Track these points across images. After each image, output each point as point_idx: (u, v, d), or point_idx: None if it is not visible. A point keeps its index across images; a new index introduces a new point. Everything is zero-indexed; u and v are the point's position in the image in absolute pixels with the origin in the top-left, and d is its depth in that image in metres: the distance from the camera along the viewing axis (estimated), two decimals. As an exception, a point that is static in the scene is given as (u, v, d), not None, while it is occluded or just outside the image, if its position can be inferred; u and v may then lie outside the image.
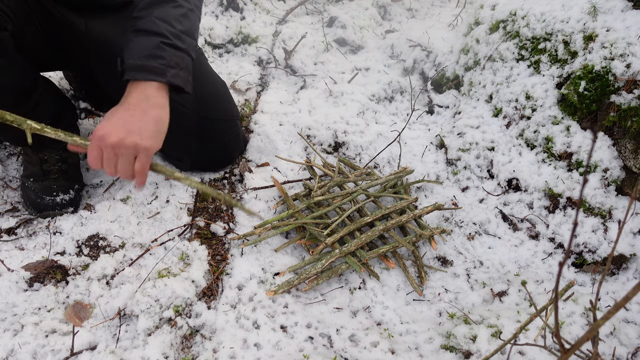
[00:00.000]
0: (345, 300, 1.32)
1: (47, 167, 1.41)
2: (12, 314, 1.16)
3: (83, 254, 1.35)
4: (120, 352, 1.09)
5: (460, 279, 1.45)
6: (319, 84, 2.30)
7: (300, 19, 3.01)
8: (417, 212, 1.54)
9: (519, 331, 0.82)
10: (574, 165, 1.58)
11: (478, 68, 2.07)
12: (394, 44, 2.78)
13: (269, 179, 1.65)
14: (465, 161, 1.81)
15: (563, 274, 1.47)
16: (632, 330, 1.25)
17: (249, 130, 1.87)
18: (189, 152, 1.52)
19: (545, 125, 1.67)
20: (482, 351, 1.16)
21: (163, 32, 1.04)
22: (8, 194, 1.48)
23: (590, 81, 1.54)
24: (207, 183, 1.60)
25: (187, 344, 1.17)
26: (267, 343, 1.16)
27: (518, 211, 1.63)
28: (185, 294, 1.22)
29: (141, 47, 1.01)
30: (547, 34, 1.78)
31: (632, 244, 1.42)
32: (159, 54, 1.02)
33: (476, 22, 2.24)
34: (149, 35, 1.02)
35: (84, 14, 1.28)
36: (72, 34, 1.28)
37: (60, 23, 1.25)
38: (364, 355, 1.16)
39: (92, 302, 1.22)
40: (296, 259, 1.41)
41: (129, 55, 1.01)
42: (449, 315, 1.31)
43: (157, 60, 1.01)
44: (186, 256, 1.34)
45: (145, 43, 1.02)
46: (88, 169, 1.63)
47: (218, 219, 1.50)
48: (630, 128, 1.44)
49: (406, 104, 2.30)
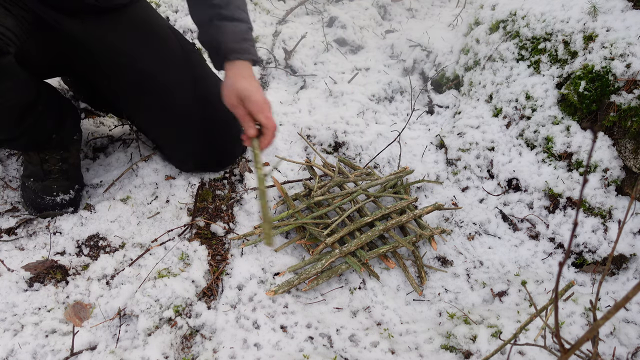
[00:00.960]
0: (345, 300, 1.32)
1: (48, 167, 1.41)
2: (12, 314, 1.16)
3: (83, 254, 1.35)
4: (120, 352, 1.09)
5: (460, 279, 1.45)
6: (319, 84, 2.30)
7: (300, 19, 3.01)
8: (417, 212, 1.54)
9: (519, 331, 0.82)
10: (574, 165, 1.58)
11: (478, 68, 2.07)
12: (394, 44, 2.78)
13: (269, 179, 1.65)
14: (465, 161, 1.81)
15: (563, 274, 1.47)
16: (632, 330, 1.25)
17: (249, 130, 1.87)
18: (191, 153, 1.52)
19: (545, 125, 1.67)
20: (482, 351, 1.16)
21: (246, 18, 1.27)
22: (8, 194, 1.48)
23: (590, 81, 1.54)
24: (207, 183, 1.60)
25: (187, 344, 1.17)
26: (267, 343, 1.16)
27: (518, 211, 1.63)
28: (185, 294, 1.22)
29: (236, 32, 1.23)
30: (547, 34, 1.78)
31: (632, 244, 1.42)
32: (249, 37, 1.26)
33: (476, 22, 2.24)
34: (237, 22, 1.24)
35: (81, 19, 1.28)
36: (71, 41, 1.28)
37: (58, 31, 1.25)
38: (364, 355, 1.16)
39: (92, 302, 1.22)
40: (296, 259, 1.41)
41: (229, 40, 1.21)
42: (449, 315, 1.31)
43: (248, 42, 1.25)
44: (186, 256, 1.34)
45: (238, 29, 1.23)
46: (88, 169, 1.63)
47: (218, 219, 1.50)
48: (630, 128, 1.44)
49: (406, 104, 2.30)
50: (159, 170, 1.60)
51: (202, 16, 1.27)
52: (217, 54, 1.26)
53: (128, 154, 1.66)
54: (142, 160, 1.61)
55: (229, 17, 1.24)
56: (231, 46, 1.22)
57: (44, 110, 1.31)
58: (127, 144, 1.71)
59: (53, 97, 1.39)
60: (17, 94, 1.18)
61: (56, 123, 1.37)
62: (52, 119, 1.36)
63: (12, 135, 1.28)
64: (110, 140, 1.72)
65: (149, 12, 1.45)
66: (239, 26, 1.25)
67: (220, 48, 1.23)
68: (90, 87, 1.59)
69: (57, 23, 1.24)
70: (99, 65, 1.35)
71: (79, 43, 1.29)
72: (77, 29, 1.27)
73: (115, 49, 1.33)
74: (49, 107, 1.34)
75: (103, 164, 1.65)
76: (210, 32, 1.25)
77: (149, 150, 1.66)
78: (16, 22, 1.11)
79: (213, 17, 1.24)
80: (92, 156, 1.67)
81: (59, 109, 1.40)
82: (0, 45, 1.03)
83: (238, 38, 1.23)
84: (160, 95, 1.39)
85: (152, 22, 1.43)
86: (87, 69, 1.38)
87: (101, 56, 1.32)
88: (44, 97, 1.31)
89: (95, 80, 1.42)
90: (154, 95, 1.39)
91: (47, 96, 1.34)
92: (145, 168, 1.60)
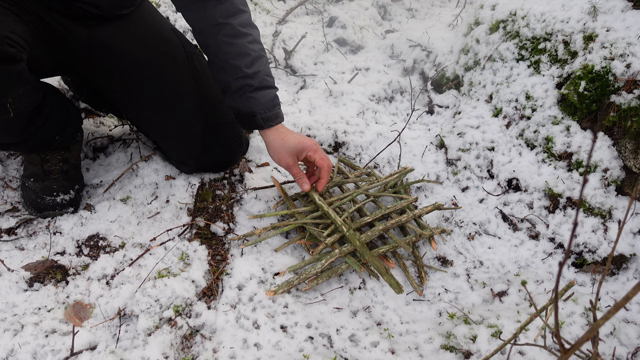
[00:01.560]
0: (345, 300, 1.32)
1: (49, 167, 1.41)
2: (12, 314, 1.16)
3: (83, 254, 1.35)
4: (120, 352, 1.09)
5: (460, 279, 1.45)
6: (319, 84, 2.30)
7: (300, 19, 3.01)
8: (416, 211, 1.54)
9: (519, 331, 0.82)
10: (574, 165, 1.58)
11: (478, 68, 2.07)
12: (394, 44, 2.78)
13: (269, 179, 1.65)
14: (465, 161, 1.81)
15: (563, 274, 1.47)
16: (632, 330, 1.25)
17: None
18: (193, 156, 1.53)
19: (545, 125, 1.67)
20: (482, 351, 1.16)
21: (273, 83, 1.36)
22: (8, 194, 1.48)
23: (590, 81, 1.54)
24: (207, 183, 1.60)
25: (187, 344, 1.17)
26: (267, 343, 1.16)
27: (518, 211, 1.63)
28: (185, 294, 1.22)
29: (267, 101, 1.33)
30: (547, 34, 1.78)
31: (632, 244, 1.42)
32: (277, 102, 1.36)
33: (476, 22, 2.24)
34: (266, 89, 1.33)
35: (86, 24, 1.29)
36: (75, 43, 1.29)
37: (62, 35, 1.26)
38: (364, 355, 1.16)
39: (92, 302, 1.22)
40: (296, 259, 1.41)
41: (262, 110, 1.32)
42: (449, 315, 1.31)
43: (277, 107, 1.36)
44: (186, 256, 1.34)
45: (268, 97, 1.33)
46: (88, 169, 1.63)
47: (218, 219, 1.50)
48: (630, 128, 1.44)
49: (406, 104, 2.30)
50: (159, 170, 1.60)
51: (230, 84, 1.32)
52: (249, 121, 1.34)
53: (128, 154, 1.66)
54: (142, 160, 1.61)
55: (259, 87, 1.31)
56: (266, 115, 1.33)
57: (50, 113, 1.32)
58: (127, 144, 1.71)
59: (57, 99, 1.39)
60: (28, 99, 1.19)
61: (60, 125, 1.38)
62: (57, 121, 1.37)
63: (19, 139, 1.29)
64: (110, 140, 1.72)
65: (153, 14, 1.46)
66: (269, 94, 1.33)
67: (254, 117, 1.32)
68: (91, 87, 1.60)
69: (62, 27, 1.25)
70: (102, 66, 1.35)
71: (83, 45, 1.30)
72: (81, 32, 1.28)
73: (120, 50, 1.33)
74: (54, 110, 1.35)
75: (103, 164, 1.65)
76: (241, 102, 1.32)
77: (149, 150, 1.66)
78: (27, 29, 1.13)
79: (243, 87, 1.30)
80: (92, 156, 1.67)
81: (63, 110, 1.41)
82: (14, 53, 1.04)
83: (270, 106, 1.33)
84: (163, 94, 1.40)
85: (156, 24, 1.44)
86: (89, 70, 1.39)
87: (105, 57, 1.33)
88: (50, 100, 1.32)
89: (97, 80, 1.43)
90: (157, 94, 1.40)
91: (52, 99, 1.35)
92: (145, 168, 1.60)
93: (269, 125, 1.34)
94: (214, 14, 1.27)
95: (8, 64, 1.04)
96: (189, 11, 1.33)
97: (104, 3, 1.27)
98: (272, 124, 1.34)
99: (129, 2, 1.36)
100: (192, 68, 1.44)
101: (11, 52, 1.03)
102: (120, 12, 1.34)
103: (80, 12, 1.26)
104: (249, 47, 1.31)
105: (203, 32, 1.32)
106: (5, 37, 1.02)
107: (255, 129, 1.36)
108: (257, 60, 1.32)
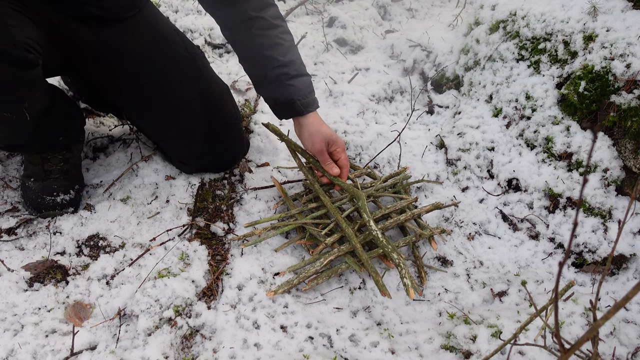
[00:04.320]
0: (345, 300, 1.32)
1: (49, 167, 1.41)
2: (12, 314, 1.16)
3: (83, 254, 1.35)
4: (120, 352, 1.09)
5: (460, 279, 1.45)
6: (319, 84, 2.30)
7: (300, 19, 3.01)
8: (416, 211, 1.54)
9: (519, 331, 0.82)
10: (574, 165, 1.58)
11: (478, 68, 2.07)
12: (394, 44, 2.78)
13: (269, 179, 1.65)
14: (465, 161, 1.81)
15: (563, 274, 1.47)
16: (632, 330, 1.25)
17: (249, 131, 1.87)
18: (194, 156, 1.53)
19: (545, 125, 1.67)
20: (482, 351, 1.16)
21: (306, 71, 1.39)
22: (8, 194, 1.48)
23: (590, 81, 1.54)
24: (207, 183, 1.60)
25: (187, 344, 1.17)
26: (267, 343, 1.16)
27: (518, 211, 1.63)
28: (185, 294, 1.22)
29: (305, 87, 1.36)
30: (547, 34, 1.78)
31: (632, 244, 1.42)
32: (312, 89, 1.40)
33: (476, 22, 2.24)
34: (303, 77, 1.36)
35: (91, 25, 1.30)
36: (79, 42, 1.30)
37: (68, 37, 1.27)
38: (364, 355, 1.16)
39: (92, 302, 1.22)
40: (296, 259, 1.41)
41: (301, 96, 1.35)
42: (449, 315, 1.31)
43: (313, 94, 1.41)
44: (186, 256, 1.34)
45: (305, 84, 1.36)
46: (88, 169, 1.63)
47: (218, 219, 1.50)
48: (630, 128, 1.44)
49: (406, 104, 2.30)
50: (159, 170, 1.60)
51: (266, 75, 1.35)
52: (289, 108, 1.37)
53: (128, 154, 1.66)
54: (142, 160, 1.61)
55: (296, 75, 1.34)
56: (305, 101, 1.37)
57: (57, 115, 1.34)
58: (127, 144, 1.71)
59: (63, 101, 1.40)
60: (42, 101, 1.22)
61: (65, 126, 1.39)
62: (62, 123, 1.38)
63: (28, 141, 1.31)
64: (110, 140, 1.72)
65: (156, 15, 1.47)
66: (305, 81, 1.37)
67: (294, 104, 1.35)
68: (91, 87, 1.60)
69: (68, 28, 1.26)
70: (107, 67, 1.36)
71: (89, 46, 1.31)
72: (87, 34, 1.29)
73: (125, 51, 1.34)
74: (60, 111, 1.37)
75: (103, 164, 1.65)
76: (280, 90, 1.35)
77: (149, 150, 1.66)
78: (41, 33, 1.14)
79: (280, 77, 1.33)
80: (92, 156, 1.67)
81: (68, 112, 1.42)
82: (32, 59, 1.06)
83: (307, 92, 1.37)
84: (167, 95, 1.41)
85: (159, 25, 1.45)
86: (94, 70, 1.39)
87: (110, 58, 1.34)
88: (56, 102, 1.34)
89: (101, 81, 1.43)
90: (161, 95, 1.40)
91: (58, 100, 1.36)
92: (146, 168, 1.60)
93: (308, 111, 1.38)
94: (245, 9, 1.30)
95: (26, 70, 1.06)
96: (219, 10, 1.36)
97: (110, 5, 1.28)
98: (310, 109, 1.38)
99: (134, 4, 1.37)
100: (195, 68, 1.45)
101: (30, 58, 1.05)
102: (126, 14, 1.35)
103: (87, 14, 1.27)
104: (282, 37, 1.34)
105: (234, 27, 1.35)
106: (24, 44, 1.04)
107: (295, 116, 1.39)
108: (290, 49, 1.35)
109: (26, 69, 1.06)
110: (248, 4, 1.30)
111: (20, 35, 1.04)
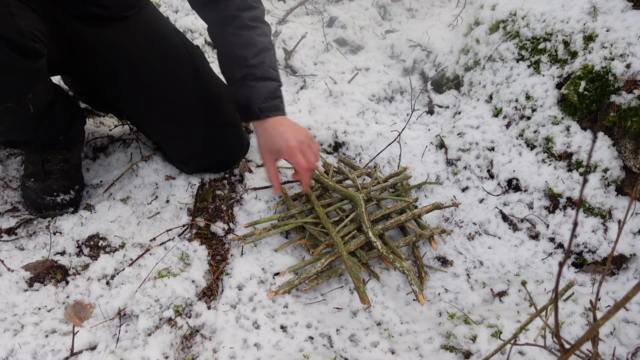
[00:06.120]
0: (345, 300, 1.32)
1: (49, 167, 1.41)
2: (12, 314, 1.16)
3: (83, 254, 1.35)
4: (120, 352, 1.09)
5: (460, 279, 1.45)
6: (319, 84, 2.30)
7: (300, 19, 3.01)
8: (416, 211, 1.54)
9: (519, 331, 0.82)
10: (574, 165, 1.58)
11: (478, 68, 2.07)
12: (394, 44, 2.78)
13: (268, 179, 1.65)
14: (465, 161, 1.82)
15: (563, 274, 1.47)
16: (632, 330, 1.25)
17: (249, 130, 1.87)
18: (194, 156, 1.53)
19: (545, 125, 1.67)
20: (482, 351, 1.16)
21: (276, 76, 1.34)
22: (8, 194, 1.48)
23: (590, 81, 1.54)
24: (207, 183, 1.60)
25: (187, 344, 1.17)
26: (267, 343, 1.16)
27: (518, 211, 1.63)
28: (185, 294, 1.22)
29: (267, 91, 1.30)
30: (547, 34, 1.78)
31: (632, 244, 1.42)
32: (278, 95, 1.33)
33: (476, 22, 2.24)
34: (269, 81, 1.31)
35: (92, 25, 1.30)
36: (80, 44, 1.31)
37: (70, 35, 1.28)
38: (364, 355, 1.16)
39: (92, 302, 1.22)
40: (296, 259, 1.41)
41: (260, 100, 1.29)
42: (449, 315, 1.31)
43: (277, 100, 1.32)
44: (186, 256, 1.34)
45: (268, 88, 1.30)
46: (88, 169, 1.63)
47: (218, 219, 1.50)
48: (630, 128, 1.44)
49: (406, 104, 2.30)
50: (159, 170, 1.60)
51: (233, 74, 1.32)
52: (246, 110, 1.32)
53: (128, 154, 1.66)
54: (142, 160, 1.61)
55: (260, 77, 1.30)
56: (263, 106, 1.30)
57: (58, 112, 1.34)
58: (127, 144, 1.71)
59: (64, 99, 1.41)
60: (45, 95, 1.23)
61: (66, 125, 1.40)
62: (63, 121, 1.38)
63: (30, 137, 1.31)
64: (110, 140, 1.72)
65: (156, 15, 1.48)
66: (270, 85, 1.32)
67: (250, 106, 1.29)
68: (91, 87, 1.60)
69: (70, 27, 1.26)
70: (107, 66, 1.36)
71: (90, 45, 1.31)
72: (88, 33, 1.30)
73: (126, 50, 1.35)
74: (62, 109, 1.37)
75: (103, 164, 1.65)
76: (241, 91, 1.31)
77: (149, 150, 1.66)
78: (45, 26, 1.14)
79: (245, 76, 1.29)
80: (92, 156, 1.67)
81: (69, 110, 1.42)
82: (38, 48, 1.06)
83: (268, 97, 1.31)
84: (167, 95, 1.41)
85: (159, 25, 1.46)
86: (94, 69, 1.39)
87: (111, 57, 1.34)
88: (58, 99, 1.34)
89: (101, 80, 1.43)
90: (161, 94, 1.41)
91: (60, 97, 1.37)
92: (146, 168, 1.60)
93: (265, 116, 1.30)
94: (225, 8, 1.31)
95: (32, 59, 1.07)
96: (202, 10, 1.37)
97: (110, 4, 1.29)
98: (268, 114, 1.31)
99: (134, 3, 1.37)
100: (194, 68, 1.45)
101: (35, 48, 1.05)
102: (126, 13, 1.35)
103: (88, 13, 1.27)
104: (257, 39, 1.32)
105: (215, 25, 1.36)
106: (30, 33, 1.04)
107: (251, 119, 1.33)
108: (263, 52, 1.32)
109: (32, 59, 1.06)
110: (230, 4, 1.31)
111: (26, 25, 1.04)
